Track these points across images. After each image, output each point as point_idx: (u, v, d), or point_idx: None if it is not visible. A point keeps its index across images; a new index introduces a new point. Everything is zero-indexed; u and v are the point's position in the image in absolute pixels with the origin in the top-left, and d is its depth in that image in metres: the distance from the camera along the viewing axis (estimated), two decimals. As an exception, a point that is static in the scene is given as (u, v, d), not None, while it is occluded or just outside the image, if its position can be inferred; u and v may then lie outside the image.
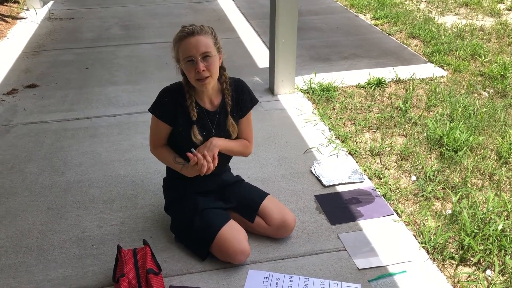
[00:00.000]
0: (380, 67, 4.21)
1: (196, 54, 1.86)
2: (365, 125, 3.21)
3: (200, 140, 2.00)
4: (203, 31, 1.88)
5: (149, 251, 1.94)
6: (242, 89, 2.11)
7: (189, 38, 1.86)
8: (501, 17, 5.73)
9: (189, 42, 1.86)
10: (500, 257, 2.11)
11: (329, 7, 6.21)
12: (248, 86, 2.15)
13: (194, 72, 1.87)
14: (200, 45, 1.86)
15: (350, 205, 2.44)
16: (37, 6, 5.96)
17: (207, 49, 1.87)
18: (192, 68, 1.87)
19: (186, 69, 1.90)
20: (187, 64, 1.88)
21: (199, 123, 2.01)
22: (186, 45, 1.87)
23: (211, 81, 1.93)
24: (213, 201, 2.16)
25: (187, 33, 1.87)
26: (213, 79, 1.93)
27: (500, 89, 3.75)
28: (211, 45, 1.89)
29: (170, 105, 1.99)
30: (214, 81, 1.97)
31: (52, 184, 2.63)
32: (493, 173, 2.71)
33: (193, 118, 1.98)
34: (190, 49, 1.86)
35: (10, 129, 3.22)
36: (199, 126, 2.01)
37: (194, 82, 1.92)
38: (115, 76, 4.07)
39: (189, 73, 1.90)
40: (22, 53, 4.58)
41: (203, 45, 1.86)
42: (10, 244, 2.20)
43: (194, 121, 1.99)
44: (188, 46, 1.86)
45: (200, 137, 2.00)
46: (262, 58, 4.39)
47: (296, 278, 1.99)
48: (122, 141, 3.05)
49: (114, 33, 5.19)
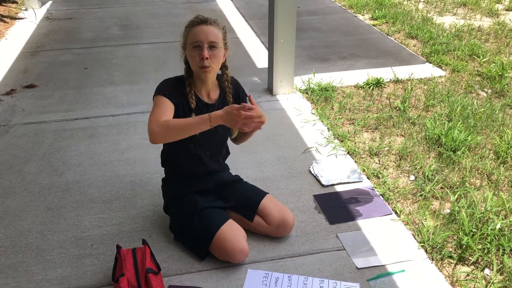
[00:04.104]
0: (379, 67, 4.21)
1: (204, 41, 1.91)
2: (363, 125, 3.22)
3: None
4: (215, 23, 1.96)
5: (149, 251, 1.94)
6: (238, 86, 2.19)
7: (201, 25, 1.93)
8: (499, 17, 5.75)
9: (201, 28, 1.92)
10: (498, 256, 2.12)
11: (327, 7, 6.22)
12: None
13: (199, 57, 1.91)
14: (210, 33, 1.92)
15: (349, 205, 2.44)
16: (35, 6, 5.96)
17: (215, 39, 1.93)
18: (197, 54, 1.92)
19: (191, 54, 1.94)
20: (193, 50, 1.92)
21: (197, 114, 2.02)
22: (197, 30, 1.92)
23: (212, 71, 1.97)
24: (212, 201, 2.17)
25: (200, 20, 1.94)
26: (214, 70, 1.98)
27: (498, 89, 3.76)
28: (220, 38, 1.95)
29: (173, 90, 2.00)
30: (215, 72, 2.01)
31: (51, 184, 2.63)
32: (491, 173, 2.72)
33: (192, 106, 2.00)
34: (200, 34, 1.91)
35: (9, 129, 3.22)
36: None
37: (197, 69, 1.95)
38: (114, 76, 4.07)
39: (193, 59, 1.94)
40: (21, 53, 4.58)
41: (213, 34, 1.92)
42: (9, 244, 2.20)
43: (193, 109, 2.01)
44: (199, 32, 1.92)
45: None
46: (261, 58, 4.40)
47: (295, 277, 1.99)
48: (121, 141, 3.05)
49: (112, 33, 5.19)
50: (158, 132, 1.82)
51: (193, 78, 2.04)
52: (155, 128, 1.82)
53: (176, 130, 1.83)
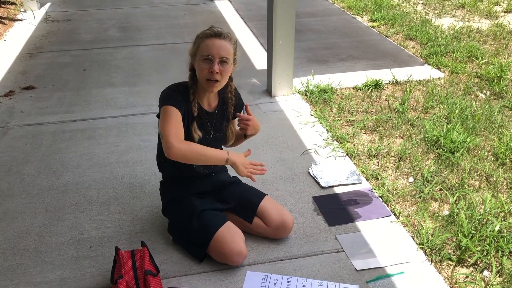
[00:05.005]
0: (378, 68, 4.22)
1: (216, 56, 1.91)
2: (362, 126, 3.22)
3: (199, 135, 2.03)
4: (228, 38, 1.96)
5: (147, 253, 1.93)
6: (239, 98, 2.22)
7: (215, 38, 1.93)
8: (497, 19, 5.76)
9: (214, 42, 1.92)
10: (497, 258, 2.12)
11: (326, 9, 6.23)
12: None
13: (208, 71, 1.92)
14: (222, 48, 1.92)
15: (348, 207, 2.44)
16: (34, 8, 5.96)
17: (227, 55, 1.93)
18: (207, 67, 1.92)
19: (200, 66, 1.94)
20: (203, 62, 1.93)
21: (198, 121, 2.05)
22: (209, 43, 1.92)
23: (219, 86, 1.99)
24: (211, 203, 2.16)
25: (214, 33, 1.93)
26: (221, 85, 1.99)
27: (496, 91, 3.76)
28: (231, 53, 1.96)
29: (181, 99, 1.99)
30: (221, 87, 2.02)
31: (50, 186, 2.63)
32: (490, 174, 2.72)
33: (195, 114, 2.01)
34: (212, 48, 1.91)
35: (8, 131, 3.21)
36: (198, 124, 2.04)
37: (204, 81, 1.96)
38: (112, 77, 4.07)
39: (201, 71, 1.94)
40: (19, 55, 4.58)
41: (225, 50, 1.93)
42: (8, 246, 2.20)
43: (195, 116, 2.02)
44: (212, 45, 1.92)
45: (199, 132, 2.04)
46: (260, 60, 4.40)
47: (294, 279, 1.99)
48: (120, 143, 3.05)
49: (111, 35, 5.19)
50: (180, 148, 1.86)
51: (197, 86, 2.04)
52: (178, 145, 1.86)
53: (197, 155, 1.91)
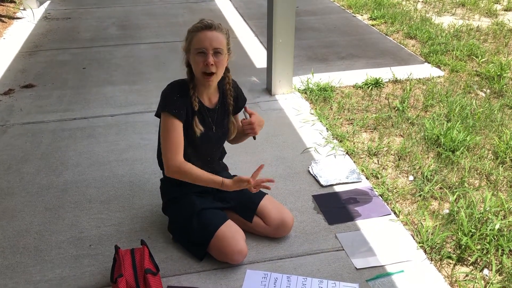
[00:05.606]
0: (377, 67, 4.21)
1: (209, 48, 1.90)
2: (362, 125, 3.22)
3: (200, 129, 2.02)
4: (219, 29, 1.95)
5: (147, 251, 1.93)
6: (238, 89, 2.19)
7: (206, 31, 1.91)
8: (497, 18, 5.75)
9: (205, 35, 1.91)
10: (497, 257, 2.12)
11: (326, 8, 6.22)
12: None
13: (203, 64, 1.91)
14: (215, 39, 1.91)
15: (348, 205, 2.44)
16: (33, 6, 5.95)
17: (220, 45, 1.92)
18: (201, 60, 1.91)
19: (195, 60, 1.93)
20: (197, 56, 1.92)
21: (199, 117, 2.03)
22: (201, 36, 1.91)
23: (215, 78, 1.97)
24: (211, 201, 2.16)
25: (205, 26, 1.92)
26: (217, 77, 1.98)
27: (496, 89, 3.76)
28: (224, 43, 1.94)
29: (182, 98, 1.99)
30: (218, 79, 2.01)
31: (49, 184, 2.63)
32: (490, 173, 2.72)
33: (195, 108, 2.00)
34: (204, 41, 1.90)
35: (7, 129, 3.21)
36: (199, 119, 2.03)
37: (200, 75, 1.95)
38: (112, 76, 4.07)
39: (196, 65, 1.93)
40: (19, 53, 4.57)
41: (217, 40, 1.91)
42: (7, 244, 2.20)
43: (196, 111, 2.01)
44: (204, 38, 1.90)
45: (201, 127, 2.03)
46: (260, 58, 4.39)
47: (294, 278, 1.99)
48: (120, 141, 3.04)
49: (111, 33, 5.18)
50: (177, 172, 1.98)
51: (195, 81, 2.02)
52: (175, 169, 1.97)
53: (192, 179, 1.98)
